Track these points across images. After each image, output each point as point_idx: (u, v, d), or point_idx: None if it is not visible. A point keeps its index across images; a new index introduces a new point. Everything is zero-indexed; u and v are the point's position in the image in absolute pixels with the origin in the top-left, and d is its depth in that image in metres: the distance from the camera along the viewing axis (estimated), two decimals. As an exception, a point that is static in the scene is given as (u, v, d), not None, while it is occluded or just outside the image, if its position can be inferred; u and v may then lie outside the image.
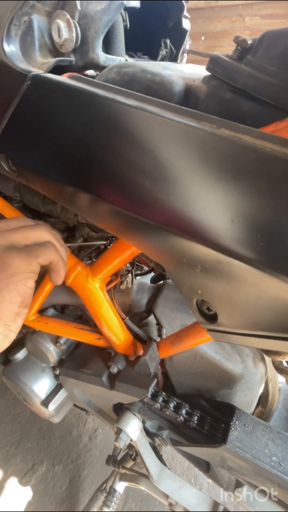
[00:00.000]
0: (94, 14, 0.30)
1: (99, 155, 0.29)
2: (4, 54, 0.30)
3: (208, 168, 0.23)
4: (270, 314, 0.24)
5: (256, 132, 0.22)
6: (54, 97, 0.30)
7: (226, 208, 0.23)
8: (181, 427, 0.58)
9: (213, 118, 0.23)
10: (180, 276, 0.31)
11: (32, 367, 0.78)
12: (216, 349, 0.57)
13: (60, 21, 0.29)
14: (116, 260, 0.46)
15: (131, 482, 0.66)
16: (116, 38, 0.35)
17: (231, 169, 0.22)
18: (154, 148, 0.25)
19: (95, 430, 1.21)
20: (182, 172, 0.24)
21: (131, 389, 0.52)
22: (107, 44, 0.35)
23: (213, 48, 2.87)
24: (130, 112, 0.26)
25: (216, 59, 0.27)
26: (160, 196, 0.26)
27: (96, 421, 1.23)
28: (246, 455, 0.46)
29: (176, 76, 0.28)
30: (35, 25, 0.30)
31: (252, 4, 2.64)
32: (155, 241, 0.30)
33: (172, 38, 0.45)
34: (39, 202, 0.47)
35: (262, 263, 0.22)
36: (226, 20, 2.79)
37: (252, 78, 0.26)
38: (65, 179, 0.33)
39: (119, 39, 0.36)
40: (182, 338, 0.46)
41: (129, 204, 0.28)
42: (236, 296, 0.26)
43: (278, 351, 0.49)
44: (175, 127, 0.24)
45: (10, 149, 0.37)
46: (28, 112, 0.32)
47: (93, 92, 0.27)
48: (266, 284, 0.23)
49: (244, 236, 0.22)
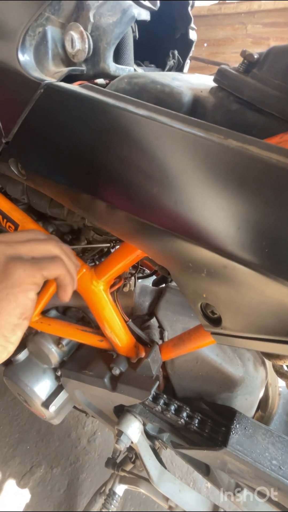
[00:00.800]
0: (107, 27, 0.31)
1: (109, 161, 0.30)
2: (19, 63, 0.31)
3: (215, 176, 0.24)
4: (274, 318, 0.25)
5: (262, 144, 0.23)
6: (67, 105, 0.31)
7: (232, 216, 0.24)
8: (181, 430, 0.59)
9: (221, 129, 0.24)
10: (185, 280, 0.32)
11: (33, 368, 0.78)
12: (218, 352, 0.57)
13: (73, 32, 0.31)
14: (121, 263, 0.47)
15: (131, 484, 0.67)
16: (126, 49, 0.37)
17: (238, 178, 0.23)
18: (162, 157, 0.26)
19: (94, 433, 1.20)
20: (189, 180, 0.25)
21: (133, 391, 0.52)
22: (117, 54, 0.36)
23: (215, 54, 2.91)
24: (141, 121, 0.27)
25: (223, 72, 0.28)
26: (167, 202, 0.27)
27: (95, 424, 1.23)
28: (246, 458, 0.47)
29: (185, 87, 0.30)
30: (49, 36, 0.32)
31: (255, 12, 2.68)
32: (162, 246, 0.31)
33: (178, 48, 0.47)
34: (46, 205, 0.48)
35: (267, 268, 0.23)
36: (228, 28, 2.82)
37: (257, 91, 0.27)
38: (74, 184, 0.34)
39: (129, 49, 0.37)
40: (185, 341, 0.47)
41: (138, 210, 0.29)
42: (241, 300, 0.27)
43: (279, 355, 0.50)
44: (183, 137, 0.25)
45: (21, 154, 0.38)
46: (40, 118, 0.33)
47: (104, 101, 0.29)
48: (270, 289, 0.24)
49: (250, 243, 0.23)
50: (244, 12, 2.74)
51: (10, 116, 0.36)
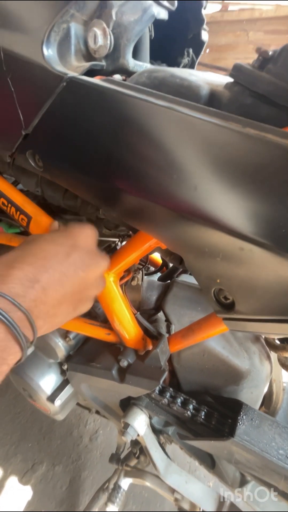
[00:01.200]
0: (128, 24, 0.33)
1: (130, 151, 0.31)
2: (43, 57, 0.33)
3: (234, 163, 0.26)
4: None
5: (279, 132, 0.24)
6: (89, 97, 0.32)
7: (250, 199, 0.25)
8: (188, 422, 0.59)
9: (239, 118, 0.26)
10: (199, 266, 0.33)
11: (39, 362, 0.79)
12: (224, 345, 0.58)
13: (97, 29, 0.32)
14: (132, 255, 0.48)
15: (137, 478, 0.67)
16: (143, 47, 0.38)
17: (256, 163, 0.25)
18: (182, 145, 0.28)
19: (96, 431, 1.20)
20: (209, 167, 0.27)
21: (142, 382, 0.53)
22: (135, 52, 0.38)
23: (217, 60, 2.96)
24: (161, 111, 0.28)
25: (239, 67, 0.30)
26: (187, 188, 0.28)
27: (97, 422, 1.23)
28: (253, 448, 0.48)
29: (202, 81, 0.31)
30: (72, 32, 0.33)
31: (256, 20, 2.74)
32: (178, 232, 0.32)
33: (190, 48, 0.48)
34: (60, 198, 0.49)
35: (284, 249, 0.24)
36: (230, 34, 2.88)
37: (272, 85, 0.28)
38: (93, 174, 0.35)
39: (146, 47, 0.39)
40: (195, 331, 0.48)
41: (157, 197, 0.31)
42: (256, 282, 0.28)
43: (285, 347, 0.51)
44: (203, 126, 0.27)
45: (40, 145, 0.40)
46: (62, 110, 0.35)
47: (126, 93, 0.30)
48: (285, 270, 0.25)
49: (267, 224, 0.24)
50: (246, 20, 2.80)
51: (31, 108, 0.38)
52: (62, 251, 0.32)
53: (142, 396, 0.62)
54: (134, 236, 0.47)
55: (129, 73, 0.37)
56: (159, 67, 0.33)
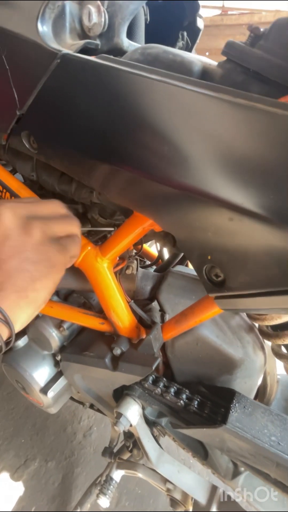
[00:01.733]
0: (122, 2, 0.33)
1: (123, 126, 0.31)
2: (38, 33, 0.33)
3: (224, 133, 0.26)
4: (277, 269, 0.26)
5: (269, 101, 0.24)
6: (83, 74, 0.33)
7: (240, 169, 0.25)
8: (181, 411, 0.59)
9: (230, 89, 0.26)
10: (191, 243, 0.33)
11: (32, 354, 0.78)
12: (218, 334, 0.58)
13: (91, 6, 0.33)
14: (126, 239, 0.48)
15: (129, 469, 0.66)
16: (138, 29, 0.39)
17: (246, 132, 0.25)
18: (174, 117, 0.28)
19: (90, 427, 1.19)
20: (199, 138, 0.27)
21: (135, 368, 0.53)
22: (130, 34, 0.38)
23: (216, 63, 2.98)
24: (154, 85, 0.29)
25: (232, 44, 0.30)
26: (178, 161, 0.28)
27: (91, 419, 1.22)
28: (245, 435, 0.47)
29: (195, 58, 0.31)
30: (67, 10, 0.33)
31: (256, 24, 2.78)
32: (170, 209, 0.32)
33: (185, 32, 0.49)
34: (54, 182, 0.50)
35: (272, 216, 0.24)
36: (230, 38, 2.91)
37: (264, 60, 0.29)
38: (89, 152, 0.36)
39: (141, 29, 0.39)
40: (187, 316, 0.48)
41: (149, 172, 0.31)
42: (245, 254, 0.28)
43: (279, 334, 0.51)
44: (194, 98, 0.27)
45: (35, 126, 0.40)
46: (56, 88, 0.35)
47: (120, 68, 0.30)
48: (274, 238, 0.25)
49: (256, 193, 0.25)
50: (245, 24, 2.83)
51: (25, 88, 0.38)
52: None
53: (136, 386, 0.62)
54: (128, 220, 0.47)
55: (124, 54, 0.37)
56: (153, 44, 0.33)
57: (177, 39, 0.48)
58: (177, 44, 0.49)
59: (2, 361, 0.79)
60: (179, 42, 0.48)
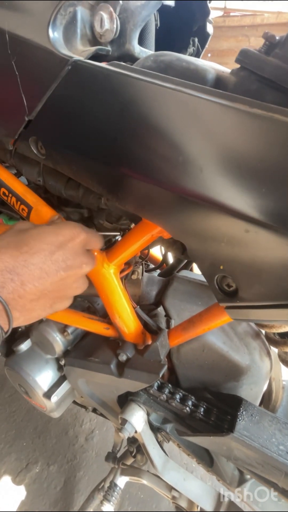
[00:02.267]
0: (134, 9, 0.33)
1: (135, 134, 0.31)
2: (49, 39, 0.33)
3: (240, 143, 0.25)
4: (293, 281, 0.26)
5: (286, 111, 0.24)
6: (94, 81, 0.32)
7: (257, 180, 0.25)
8: (186, 418, 0.58)
9: (246, 99, 0.26)
10: (202, 252, 0.33)
11: (36, 358, 0.77)
12: (224, 340, 0.58)
13: (103, 13, 0.32)
14: (133, 246, 0.48)
15: (133, 476, 0.66)
16: (149, 35, 0.38)
17: (263, 143, 0.24)
18: (189, 126, 0.28)
19: (92, 431, 1.19)
20: (214, 148, 0.27)
21: (141, 375, 0.52)
22: (140, 39, 0.38)
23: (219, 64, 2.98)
24: (168, 93, 0.28)
25: (246, 52, 0.30)
26: (193, 170, 0.28)
27: (93, 422, 1.22)
28: (253, 444, 0.47)
29: (208, 66, 0.31)
30: (78, 16, 0.33)
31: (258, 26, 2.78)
32: (182, 217, 0.32)
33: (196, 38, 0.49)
34: (61, 187, 0.49)
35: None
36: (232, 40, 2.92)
37: (279, 69, 0.28)
38: (99, 159, 0.35)
39: (151, 35, 0.39)
40: (195, 323, 0.47)
41: (162, 180, 0.30)
42: (260, 266, 0.28)
43: (286, 342, 0.51)
44: (210, 107, 0.26)
45: (44, 131, 0.39)
46: (66, 94, 0.35)
47: (132, 75, 0.30)
48: (292, 251, 0.24)
49: (273, 205, 0.24)
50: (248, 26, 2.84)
51: (35, 94, 0.38)
52: (47, 249, 0.33)
53: (141, 392, 0.61)
54: (136, 227, 0.46)
55: (135, 60, 0.37)
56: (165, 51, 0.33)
57: (188, 45, 0.48)
58: (188, 50, 0.48)
59: (5, 365, 0.79)
60: (189, 48, 0.48)
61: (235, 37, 2.90)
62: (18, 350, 0.78)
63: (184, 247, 0.48)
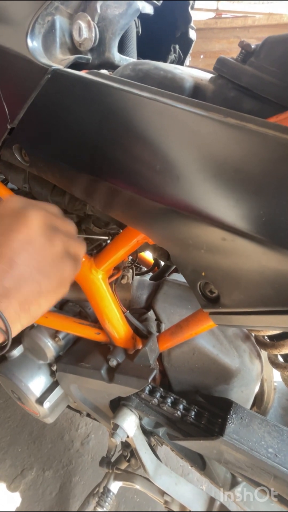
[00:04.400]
0: (113, 17, 0.33)
1: (114, 142, 0.31)
2: (28, 49, 0.33)
3: (215, 152, 0.25)
4: (271, 289, 0.26)
5: (260, 121, 0.24)
6: (73, 90, 0.32)
7: (231, 188, 0.25)
8: (178, 422, 0.58)
9: (220, 108, 0.26)
10: (184, 259, 0.33)
11: (28, 364, 0.77)
12: (214, 343, 0.58)
13: (81, 21, 0.32)
14: (120, 251, 0.48)
15: (126, 481, 0.65)
16: (130, 42, 0.39)
17: (237, 153, 0.24)
18: (165, 135, 0.28)
19: (87, 435, 1.18)
20: (190, 156, 0.27)
21: (130, 381, 0.52)
22: (121, 47, 0.38)
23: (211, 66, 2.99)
24: (145, 103, 0.28)
25: (223, 60, 0.30)
26: (169, 179, 0.28)
27: (89, 426, 1.21)
28: (243, 447, 0.47)
29: (186, 74, 0.31)
30: (57, 25, 0.33)
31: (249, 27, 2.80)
32: (163, 225, 0.32)
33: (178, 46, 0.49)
34: (47, 194, 0.49)
35: (264, 237, 0.24)
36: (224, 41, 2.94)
37: (255, 78, 0.29)
38: (79, 167, 0.35)
39: (132, 43, 0.39)
40: (183, 328, 0.47)
41: (141, 189, 0.30)
42: (239, 273, 0.28)
43: (275, 344, 0.51)
44: (185, 116, 0.27)
45: (26, 139, 0.39)
46: (47, 103, 0.35)
47: (110, 85, 0.30)
48: (268, 259, 0.25)
49: (248, 213, 0.24)
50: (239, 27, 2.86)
51: (16, 102, 0.38)
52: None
53: (132, 397, 0.61)
54: (122, 232, 0.46)
55: (115, 68, 0.37)
56: (144, 60, 0.33)
57: (169, 52, 0.48)
58: (169, 57, 0.49)
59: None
60: (171, 55, 0.48)
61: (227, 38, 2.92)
62: (10, 356, 0.78)
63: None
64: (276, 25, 2.78)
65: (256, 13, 3.09)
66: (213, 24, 2.92)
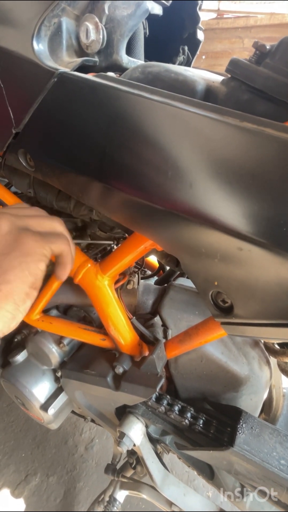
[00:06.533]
0: (121, 19, 0.32)
1: (123, 147, 0.30)
2: (33, 52, 0.32)
3: (231, 158, 0.24)
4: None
5: (277, 125, 0.23)
6: (80, 93, 0.31)
7: (249, 196, 0.24)
8: (185, 431, 0.57)
9: (236, 112, 0.25)
10: (196, 268, 0.32)
11: (32, 369, 0.76)
12: (223, 350, 0.57)
13: (89, 23, 0.31)
14: (127, 257, 0.47)
15: (133, 490, 0.64)
16: (137, 44, 0.38)
17: (254, 158, 0.23)
18: (177, 140, 0.27)
19: (91, 440, 1.17)
20: (205, 162, 0.26)
21: (137, 389, 0.51)
22: (129, 48, 0.37)
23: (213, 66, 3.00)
24: (156, 106, 0.27)
25: (236, 62, 0.29)
26: (182, 186, 0.27)
27: (93, 431, 1.20)
28: (254, 458, 0.46)
29: (198, 76, 0.30)
30: (63, 27, 0.32)
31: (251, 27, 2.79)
32: (174, 233, 0.31)
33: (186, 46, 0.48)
34: (52, 199, 0.48)
35: (284, 248, 0.23)
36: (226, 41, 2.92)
37: (270, 79, 0.28)
38: (86, 172, 0.34)
39: (140, 44, 0.38)
40: (192, 336, 0.46)
41: (152, 196, 0.29)
42: (255, 284, 0.27)
43: (286, 352, 0.50)
44: (199, 121, 0.25)
45: (31, 144, 0.38)
46: (53, 107, 0.34)
47: (119, 88, 0.29)
48: (286, 269, 0.23)
49: (267, 222, 0.23)
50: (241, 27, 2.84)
51: (21, 106, 0.37)
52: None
53: (139, 404, 0.60)
54: (129, 238, 0.45)
55: (123, 70, 0.36)
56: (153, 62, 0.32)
57: (178, 53, 0.47)
58: (178, 59, 0.47)
59: (1, 377, 0.77)
60: (179, 57, 0.47)
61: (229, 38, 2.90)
62: (14, 362, 0.77)
63: (178, 259, 0.47)
64: (278, 24, 2.76)
65: (258, 13, 3.07)
66: (215, 25, 2.90)
